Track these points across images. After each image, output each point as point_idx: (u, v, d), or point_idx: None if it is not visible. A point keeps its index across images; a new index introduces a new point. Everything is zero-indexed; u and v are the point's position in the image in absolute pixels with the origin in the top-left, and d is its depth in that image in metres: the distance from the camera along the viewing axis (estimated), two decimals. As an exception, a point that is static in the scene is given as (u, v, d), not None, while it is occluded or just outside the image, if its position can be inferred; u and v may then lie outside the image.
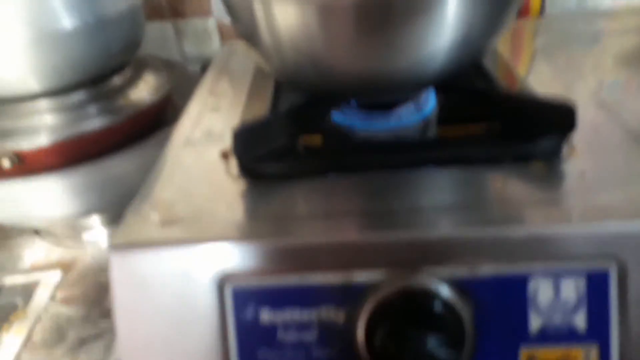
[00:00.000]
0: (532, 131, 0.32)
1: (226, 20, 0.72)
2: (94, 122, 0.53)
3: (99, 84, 0.56)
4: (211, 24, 0.75)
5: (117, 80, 0.58)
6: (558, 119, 0.31)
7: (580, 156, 0.31)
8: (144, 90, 0.59)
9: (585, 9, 0.66)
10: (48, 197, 0.52)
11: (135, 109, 0.55)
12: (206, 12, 0.74)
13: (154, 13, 0.74)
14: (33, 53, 0.48)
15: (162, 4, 0.74)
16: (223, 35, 0.75)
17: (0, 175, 0.50)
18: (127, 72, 0.60)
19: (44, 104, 0.53)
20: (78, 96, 0.54)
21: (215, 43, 0.76)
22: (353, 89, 0.35)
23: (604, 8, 0.65)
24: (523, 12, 0.64)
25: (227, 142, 0.36)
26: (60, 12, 0.48)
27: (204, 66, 0.73)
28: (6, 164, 0.50)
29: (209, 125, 0.40)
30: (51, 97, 0.53)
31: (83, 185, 0.53)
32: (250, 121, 0.35)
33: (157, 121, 0.58)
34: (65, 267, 0.56)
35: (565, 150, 0.32)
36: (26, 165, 0.50)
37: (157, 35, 0.76)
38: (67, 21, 0.49)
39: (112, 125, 0.53)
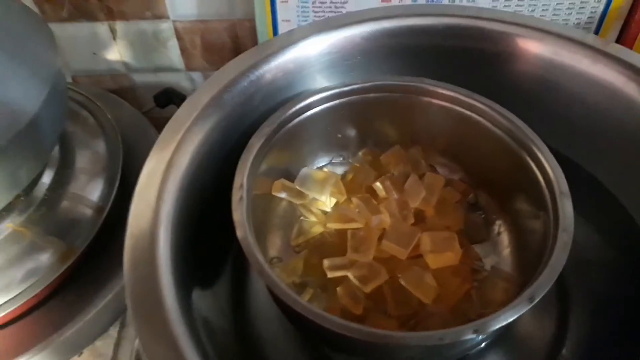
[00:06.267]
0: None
1: (188, 22, 0.52)
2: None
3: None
4: (166, 28, 0.52)
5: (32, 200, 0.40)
6: None
7: None
8: (77, 206, 0.41)
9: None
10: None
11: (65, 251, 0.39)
12: (157, 14, 0.51)
13: (81, 12, 0.51)
14: None
15: (91, 1, 0.50)
16: (182, 40, 0.54)
17: None
18: (47, 177, 0.41)
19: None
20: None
21: (173, 52, 0.54)
22: None
23: None
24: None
25: None
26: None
27: (159, 95, 0.54)
28: None
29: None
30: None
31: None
32: None
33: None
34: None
35: None
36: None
37: (88, 42, 0.53)
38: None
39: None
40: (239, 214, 0.26)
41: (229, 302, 0.29)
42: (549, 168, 0.26)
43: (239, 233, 0.24)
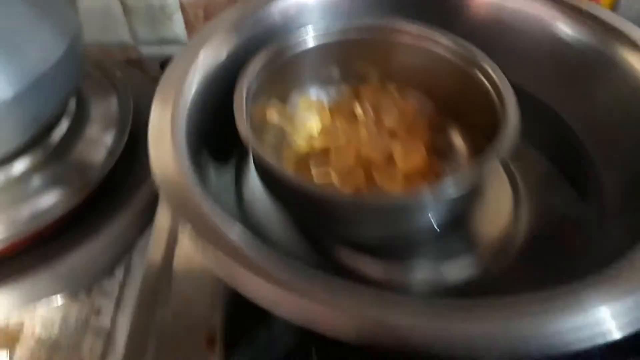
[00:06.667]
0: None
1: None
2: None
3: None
4: (172, 2, 0.58)
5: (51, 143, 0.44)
6: None
7: None
8: (90, 149, 0.46)
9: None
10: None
11: (83, 182, 0.43)
12: (164, -12, 0.57)
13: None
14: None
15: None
16: (186, 13, 0.59)
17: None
18: (64, 124, 0.46)
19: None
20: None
21: (177, 25, 0.60)
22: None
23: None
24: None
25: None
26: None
27: (166, 62, 0.59)
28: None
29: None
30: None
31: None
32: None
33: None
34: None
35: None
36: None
37: (100, 15, 0.59)
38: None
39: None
40: (241, 119, 0.30)
41: (234, 190, 0.34)
42: (497, 79, 0.31)
43: (240, 127, 0.29)
